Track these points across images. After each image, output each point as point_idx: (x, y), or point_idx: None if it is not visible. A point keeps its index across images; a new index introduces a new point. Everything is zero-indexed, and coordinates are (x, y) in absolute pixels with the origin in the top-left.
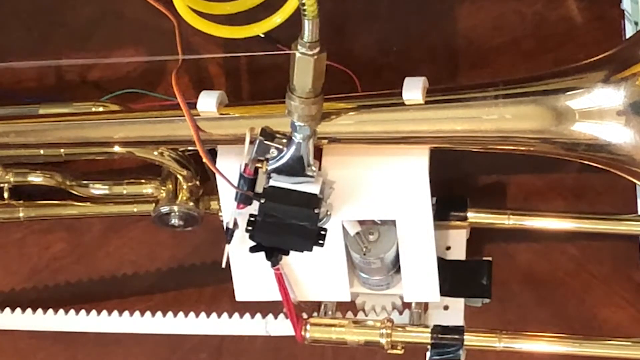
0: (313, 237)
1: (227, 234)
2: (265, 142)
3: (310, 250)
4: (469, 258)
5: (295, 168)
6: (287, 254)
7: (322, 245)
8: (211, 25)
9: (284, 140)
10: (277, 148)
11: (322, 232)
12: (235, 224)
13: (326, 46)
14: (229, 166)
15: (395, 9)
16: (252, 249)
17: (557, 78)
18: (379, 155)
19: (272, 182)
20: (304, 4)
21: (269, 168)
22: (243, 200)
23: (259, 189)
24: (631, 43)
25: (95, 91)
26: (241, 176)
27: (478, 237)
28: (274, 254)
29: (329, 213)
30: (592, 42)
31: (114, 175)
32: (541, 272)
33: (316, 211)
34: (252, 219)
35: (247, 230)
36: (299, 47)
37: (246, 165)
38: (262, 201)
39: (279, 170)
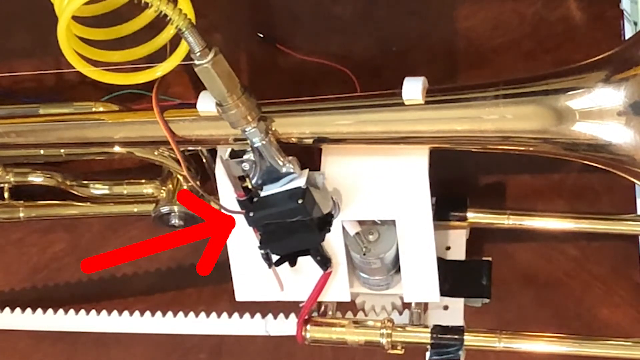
0: (315, 227)
1: (265, 259)
2: (236, 161)
3: (322, 240)
4: (469, 258)
5: (274, 171)
6: (307, 254)
7: (329, 231)
8: (94, 71)
9: (251, 152)
10: (248, 162)
11: (328, 219)
12: None
13: (324, 47)
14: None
15: (395, 9)
16: (277, 263)
17: (557, 78)
18: (378, 155)
19: (262, 193)
20: (172, 22)
21: (253, 182)
22: (250, 221)
23: None
24: (631, 43)
25: (95, 91)
26: (239, 202)
27: (478, 237)
28: (296, 259)
29: (335, 200)
30: (592, 42)
31: (114, 175)
32: (541, 272)
33: (300, 202)
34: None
35: (260, 248)
36: (195, 61)
37: (235, 190)
38: (251, 215)
39: (263, 181)
